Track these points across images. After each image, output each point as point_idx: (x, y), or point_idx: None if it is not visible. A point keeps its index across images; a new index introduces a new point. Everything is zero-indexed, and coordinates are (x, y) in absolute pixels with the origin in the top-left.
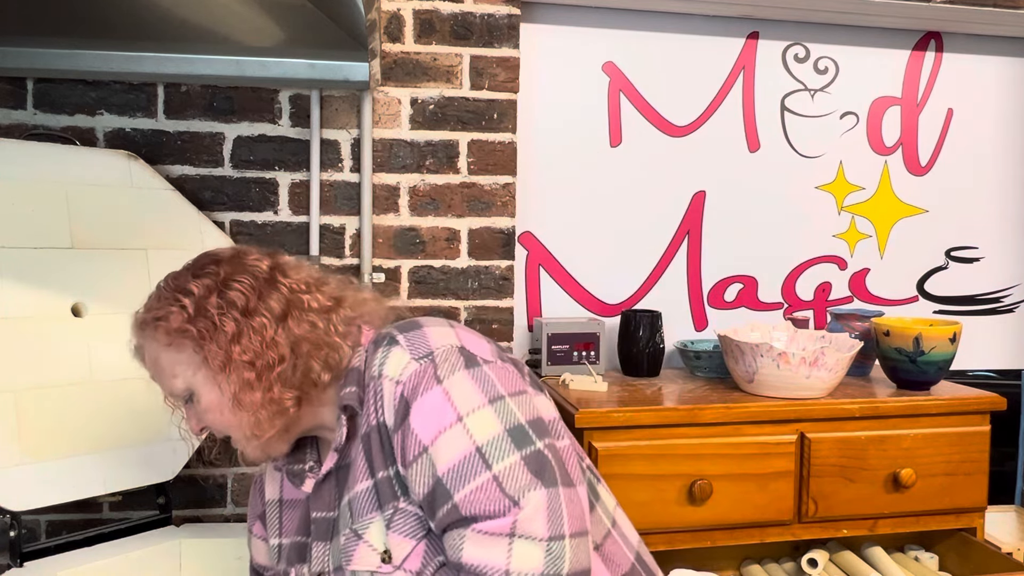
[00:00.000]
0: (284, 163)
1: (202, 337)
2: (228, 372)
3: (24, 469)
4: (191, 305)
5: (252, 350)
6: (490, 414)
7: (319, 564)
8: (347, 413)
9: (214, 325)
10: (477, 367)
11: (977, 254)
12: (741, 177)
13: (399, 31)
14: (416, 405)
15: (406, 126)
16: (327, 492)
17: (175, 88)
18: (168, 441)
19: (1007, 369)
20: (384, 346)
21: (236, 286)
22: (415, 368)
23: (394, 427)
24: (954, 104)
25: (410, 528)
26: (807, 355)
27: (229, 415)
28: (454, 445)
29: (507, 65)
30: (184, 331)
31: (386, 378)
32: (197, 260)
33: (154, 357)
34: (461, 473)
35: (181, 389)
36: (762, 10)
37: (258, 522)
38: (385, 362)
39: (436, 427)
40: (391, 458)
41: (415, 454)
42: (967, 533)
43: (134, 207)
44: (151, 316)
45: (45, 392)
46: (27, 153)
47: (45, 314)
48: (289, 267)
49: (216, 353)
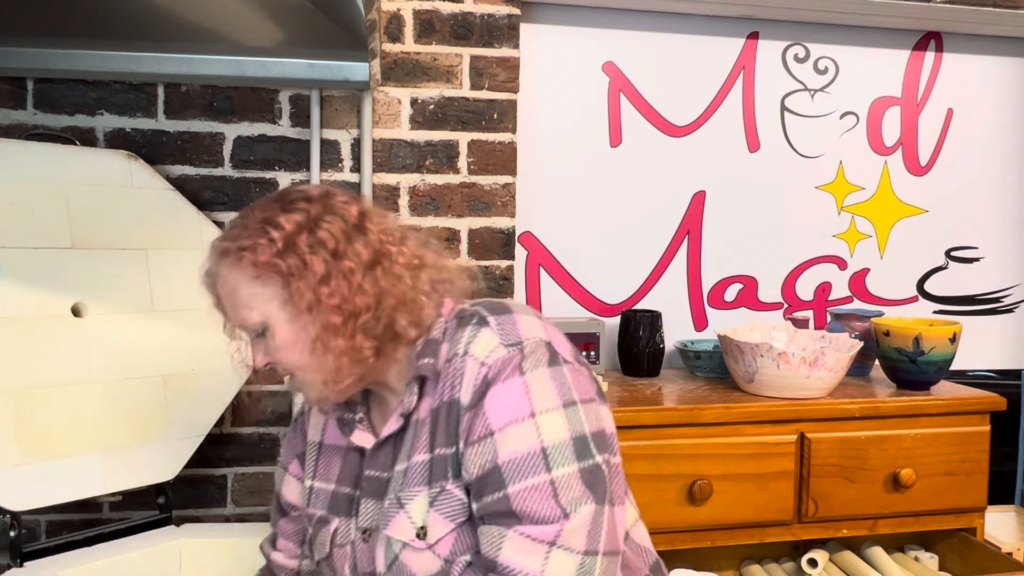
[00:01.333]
0: (284, 163)
1: (291, 274)
2: (314, 314)
3: (24, 469)
4: (280, 239)
5: (340, 294)
6: (561, 418)
7: (367, 521)
8: (419, 382)
9: (303, 263)
10: (558, 366)
11: (977, 254)
12: (741, 177)
13: (399, 31)
14: (495, 390)
15: (406, 126)
16: (384, 454)
17: (175, 88)
18: (168, 441)
19: (1007, 369)
20: (473, 325)
21: (326, 226)
22: (503, 354)
23: (468, 406)
24: (954, 104)
25: (451, 511)
26: (807, 355)
27: (307, 356)
28: (521, 438)
29: (507, 65)
30: (272, 266)
31: (471, 357)
32: (285, 194)
33: (232, 287)
34: (521, 468)
35: (255, 323)
36: (762, 10)
37: (296, 461)
38: (473, 341)
39: (508, 416)
40: (454, 438)
41: (480, 435)
42: (967, 533)
43: (134, 207)
44: (236, 245)
45: (45, 392)
46: (27, 153)
47: (45, 314)
48: (376, 215)
49: (303, 292)
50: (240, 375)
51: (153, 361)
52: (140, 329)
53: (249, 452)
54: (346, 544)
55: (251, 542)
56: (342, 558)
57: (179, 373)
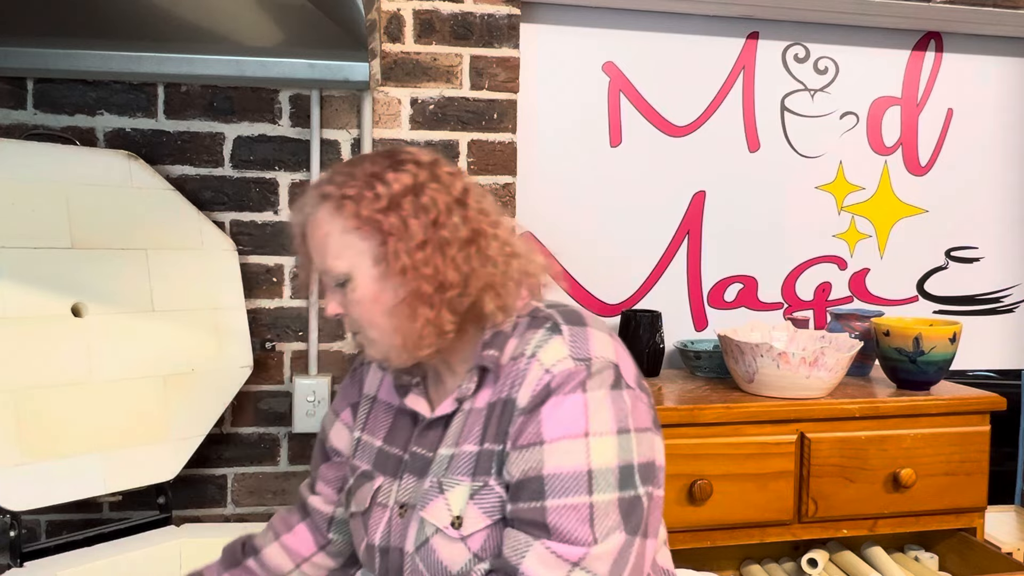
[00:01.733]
0: (284, 163)
1: (390, 233)
2: (405, 278)
3: (24, 469)
4: (386, 197)
5: (434, 264)
6: (613, 444)
7: (405, 495)
8: (480, 372)
9: (404, 225)
10: (620, 390)
11: (977, 254)
12: (741, 177)
13: (399, 31)
14: (554, 400)
15: (406, 126)
16: (433, 434)
17: (175, 88)
18: (168, 441)
19: (1007, 369)
20: (546, 330)
21: (431, 193)
22: (570, 366)
23: (524, 409)
24: (954, 104)
25: (490, 507)
26: (807, 355)
27: (386, 317)
28: (570, 456)
29: (507, 65)
30: (374, 221)
31: (537, 361)
32: (395, 153)
33: (325, 232)
34: (564, 484)
35: (339, 272)
36: (762, 10)
37: (349, 409)
38: (542, 347)
39: (562, 430)
40: (503, 436)
41: (529, 442)
42: (967, 533)
43: (134, 207)
44: (340, 192)
45: (45, 392)
46: (27, 153)
47: (45, 314)
48: (477, 193)
49: (399, 254)
50: (240, 375)
51: (153, 361)
52: (140, 329)
53: (249, 452)
54: (387, 505)
55: None
56: (378, 518)
57: (179, 373)
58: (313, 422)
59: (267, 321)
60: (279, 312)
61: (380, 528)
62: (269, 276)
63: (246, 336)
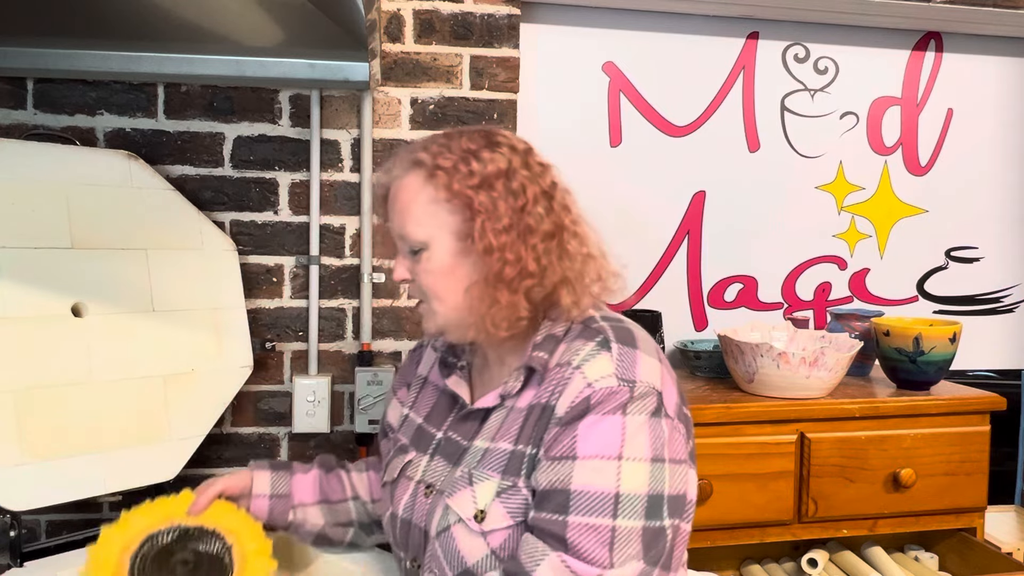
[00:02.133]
0: (284, 163)
1: (479, 212)
2: (489, 258)
3: (24, 469)
4: (479, 175)
5: (517, 250)
6: (645, 472)
7: (434, 477)
8: (527, 372)
9: (494, 206)
10: (659, 418)
11: (977, 254)
12: (741, 177)
13: (399, 31)
14: (593, 418)
15: (406, 126)
16: (471, 423)
17: (175, 88)
18: (168, 441)
19: (1007, 369)
20: (596, 344)
21: (521, 180)
22: (612, 385)
23: (561, 420)
24: (954, 104)
25: (515, 508)
26: (807, 355)
27: (458, 294)
28: (600, 476)
29: (507, 65)
30: (464, 196)
31: (581, 373)
32: (491, 134)
33: (411, 197)
34: (590, 503)
35: (417, 239)
36: (762, 10)
37: (405, 388)
38: (589, 361)
39: (596, 449)
40: (538, 441)
41: (562, 454)
42: (967, 533)
43: (134, 207)
44: (433, 161)
45: (45, 392)
46: (27, 153)
47: (45, 314)
48: (563, 190)
49: (485, 234)
50: (240, 375)
51: (153, 361)
52: (140, 329)
53: (249, 452)
54: (413, 479)
55: None
56: (403, 490)
57: (179, 373)
58: (313, 422)
59: (267, 321)
60: (279, 312)
61: (404, 500)
62: (269, 276)
63: (246, 336)
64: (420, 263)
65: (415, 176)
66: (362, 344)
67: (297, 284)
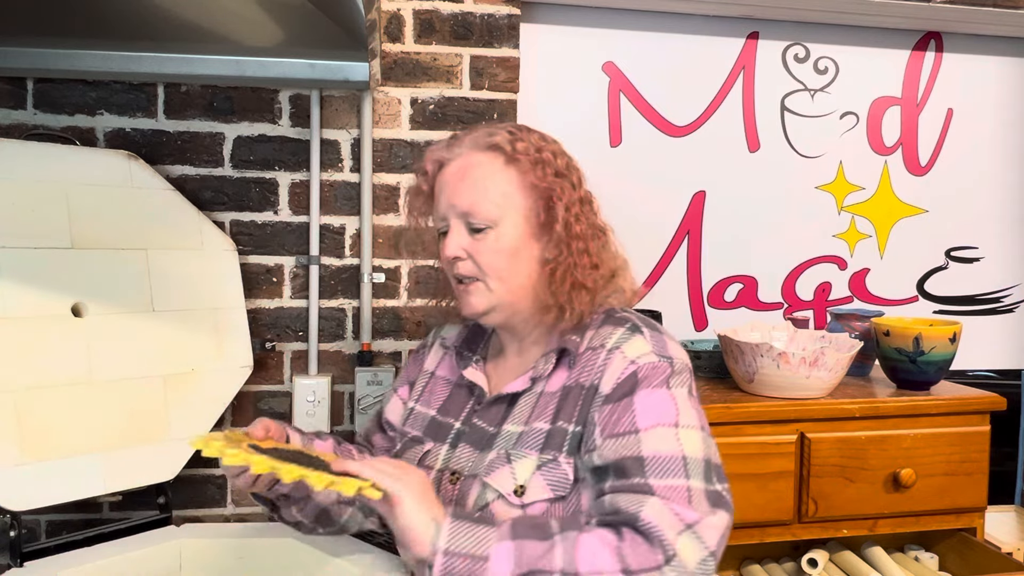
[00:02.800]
0: (284, 163)
1: (558, 200)
2: (563, 246)
3: (24, 469)
4: (553, 168)
5: (587, 242)
6: (699, 438)
7: (459, 464)
8: (559, 354)
9: (569, 198)
10: (692, 396)
11: (977, 254)
12: (741, 177)
13: (399, 31)
14: (644, 392)
15: (406, 126)
16: (497, 409)
17: (175, 88)
18: (168, 441)
19: (1007, 369)
20: (627, 328)
21: (580, 179)
22: (654, 361)
23: (609, 398)
24: (954, 104)
25: (554, 481)
26: (807, 355)
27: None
28: (665, 441)
29: (507, 65)
30: (542, 184)
31: (621, 353)
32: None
33: (485, 175)
34: (664, 465)
35: (488, 218)
36: (762, 10)
37: (407, 387)
38: (626, 343)
39: (655, 419)
40: (583, 419)
41: (624, 430)
42: (967, 533)
43: (134, 207)
44: (512, 147)
45: (45, 392)
46: (27, 153)
47: (45, 314)
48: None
49: (560, 220)
50: (240, 375)
51: (153, 361)
52: (140, 329)
53: None
54: (433, 468)
55: (251, 542)
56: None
57: (179, 373)
58: (313, 422)
59: (267, 321)
60: (279, 312)
61: None
62: (269, 276)
63: (246, 336)
64: (483, 241)
65: (492, 157)
66: (362, 344)
67: (297, 284)
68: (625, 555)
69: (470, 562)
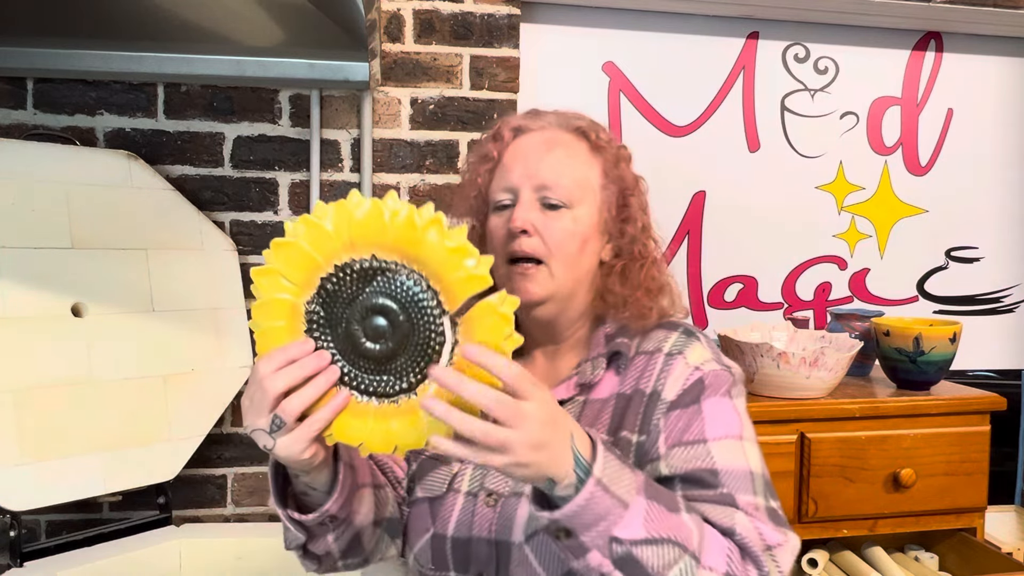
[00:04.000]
0: (284, 163)
1: (633, 195)
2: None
3: (24, 469)
4: (628, 166)
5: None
6: (758, 454)
7: (495, 483)
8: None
9: (635, 196)
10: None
11: (977, 254)
12: (741, 177)
13: (399, 31)
14: (712, 400)
15: (406, 126)
16: None
17: (175, 88)
18: (168, 441)
19: (1007, 369)
20: (681, 333)
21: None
22: (717, 368)
23: (675, 404)
24: (954, 104)
25: None
26: (807, 355)
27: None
28: (735, 455)
29: (507, 65)
30: (623, 179)
31: (683, 359)
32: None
33: (571, 155)
34: (738, 480)
35: (568, 197)
36: (762, 10)
37: None
38: (686, 348)
39: (724, 430)
40: (645, 427)
41: (693, 439)
42: (967, 533)
43: (134, 207)
44: (596, 136)
45: (45, 392)
46: (27, 153)
47: (45, 314)
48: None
49: (628, 217)
50: (240, 375)
51: (153, 361)
52: (140, 329)
53: (249, 452)
54: (460, 491)
55: (251, 542)
56: (452, 505)
57: (179, 373)
58: None
59: None
60: None
61: (455, 516)
62: None
63: (246, 336)
64: (557, 219)
65: (578, 141)
66: None
67: None
68: (732, 561)
69: (612, 503)
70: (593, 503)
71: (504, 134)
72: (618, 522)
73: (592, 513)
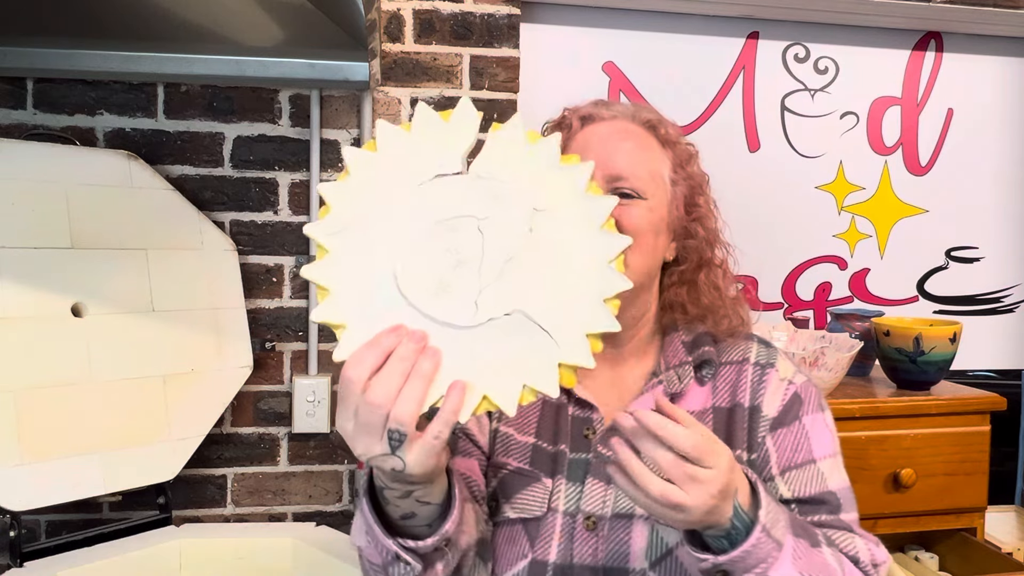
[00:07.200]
0: (284, 163)
1: (700, 194)
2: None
3: (24, 469)
4: (695, 160)
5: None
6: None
7: (593, 506)
8: (696, 366)
9: (704, 195)
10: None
11: (977, 254)
12: (741, 177)
13: (399, 31)
14: (812, 417)
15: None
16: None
17: (175, 88)
18: (168, 441)
19: (1007, 369)
20: (758, 343)
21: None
22: (805, 381)
23: (779, 422)
24: (954, 104)
25: None
26: (807, 355)
27: (655, 262)
28: (839, 473)
29: (507, 65)
30: (691, 177)
31: (775, 372)
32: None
33: (644, 146)
34: (847, 501)
35: (642, 186)
36: (762, 10)
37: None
38: (774, 360)
39: (826, 449)
40: (753, 445)
41: (803, 460)
42: (967, 533)
43: (134, 207)
44: (666, 132)
45: (45, 392)
46: (27, 153)
47: (45, 314)
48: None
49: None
50: (240, 375)
51: (153, 361)
52: (140, 329)
53: (249, 452)
54: (558, 511)
55: (251, 542)
56: (551, 527)
57: (179, 373)
58: (313, 422)
59: (267, 321)
60: (279, 312)
61: (557, 540)
62: (269, 276)
63: (246, 336)
64: (632, 206)
65: (648, 134)
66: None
67: (297, 284)
68: None
69: (772, 547)
70: (758, 548)
71: (572, 122)
72: (774, 564)
73: (755, 557)
